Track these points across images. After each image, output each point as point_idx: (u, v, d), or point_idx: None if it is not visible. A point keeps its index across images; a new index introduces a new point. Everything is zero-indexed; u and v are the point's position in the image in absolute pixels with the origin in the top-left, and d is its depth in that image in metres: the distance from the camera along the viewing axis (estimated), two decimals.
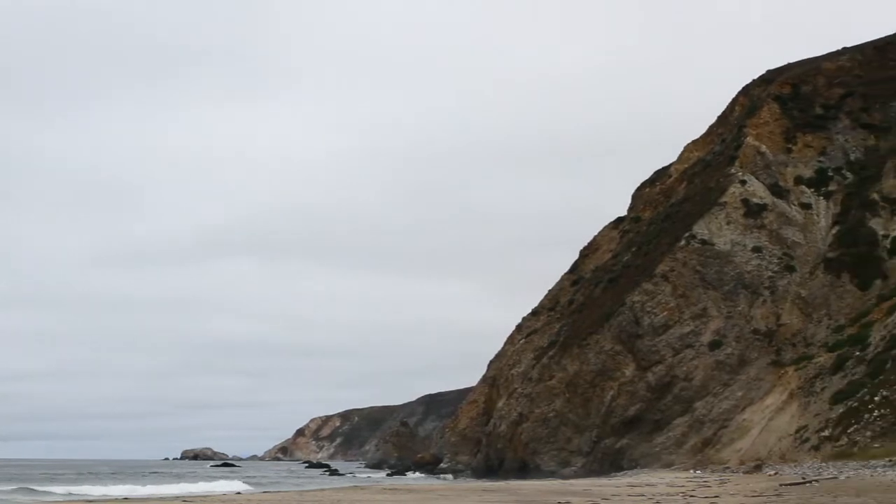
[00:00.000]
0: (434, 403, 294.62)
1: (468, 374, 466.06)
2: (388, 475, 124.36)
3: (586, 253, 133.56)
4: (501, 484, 73.60)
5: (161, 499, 52.92)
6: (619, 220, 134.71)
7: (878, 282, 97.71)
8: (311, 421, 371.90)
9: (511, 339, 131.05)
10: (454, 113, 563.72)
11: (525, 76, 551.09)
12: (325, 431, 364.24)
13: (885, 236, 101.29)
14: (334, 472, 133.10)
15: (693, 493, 44.61)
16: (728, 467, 78.18)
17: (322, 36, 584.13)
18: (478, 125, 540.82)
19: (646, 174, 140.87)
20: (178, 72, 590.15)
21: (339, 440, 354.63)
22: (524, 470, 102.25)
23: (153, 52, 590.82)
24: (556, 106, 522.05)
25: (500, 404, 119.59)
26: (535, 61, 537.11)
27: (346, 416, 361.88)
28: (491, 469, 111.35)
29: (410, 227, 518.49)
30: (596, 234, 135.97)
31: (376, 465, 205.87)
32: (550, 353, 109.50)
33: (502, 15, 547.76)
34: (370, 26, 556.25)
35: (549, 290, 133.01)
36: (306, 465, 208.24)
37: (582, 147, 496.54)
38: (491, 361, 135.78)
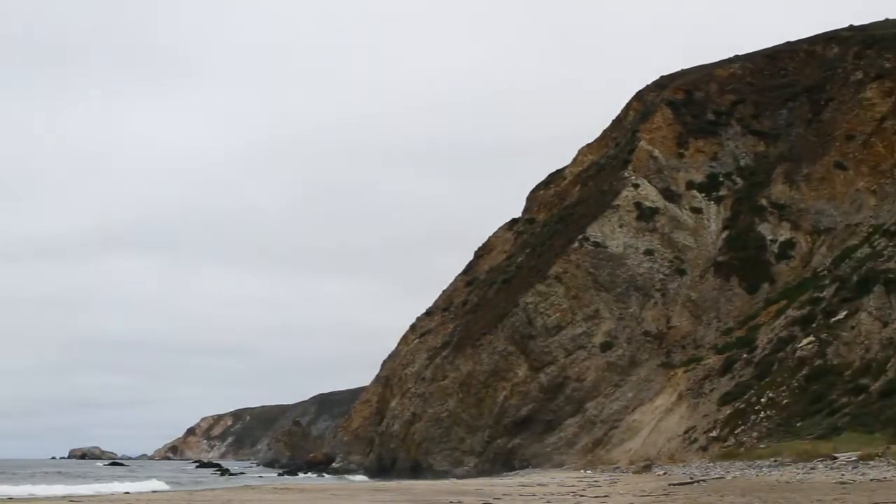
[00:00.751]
0: (327, 403, 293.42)
1: (361, 374, 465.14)
2: (279, 475, 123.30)
3: (481, 254, 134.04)
4: (393, 483, 73.48)
5: (47, 499, 51.90)
6: (514, 221, 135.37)
7: (765, 286, 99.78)
8: (203, 420, 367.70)
9: (405, 339, 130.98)
10: (354, 112, 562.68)
11: (423, 76, 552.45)
12: (217, 430, 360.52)
13: (773, 241, 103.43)
14: (225, 472, 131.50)
15: (583, 492, 44.92)
16: (618, 467, 78.92)
17: (223, 30, 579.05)
18: (377, 124, 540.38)
19: (540, 176, 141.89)
20: (77, 64, 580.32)
21: (230, 439, 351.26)
22: (417, 470, 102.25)
23: (52, 44, 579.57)
24: (453, 106, 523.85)
25: (393, 404, 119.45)
26: (434, 60, 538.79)
27: (237, 415, 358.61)
28: (383, 469, 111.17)
29: (305, 226, 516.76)
30: (490, 235, 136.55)
31: (268, 465, 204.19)
32: (444, 354, 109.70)
33: (402, 13, 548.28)
34: (273, 23, 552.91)
35: (444, 291, 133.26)
36: (197, 464, 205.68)
37: (477, 148, 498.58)
38: (384, 361, 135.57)
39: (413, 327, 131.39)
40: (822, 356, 73.72)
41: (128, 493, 61.77)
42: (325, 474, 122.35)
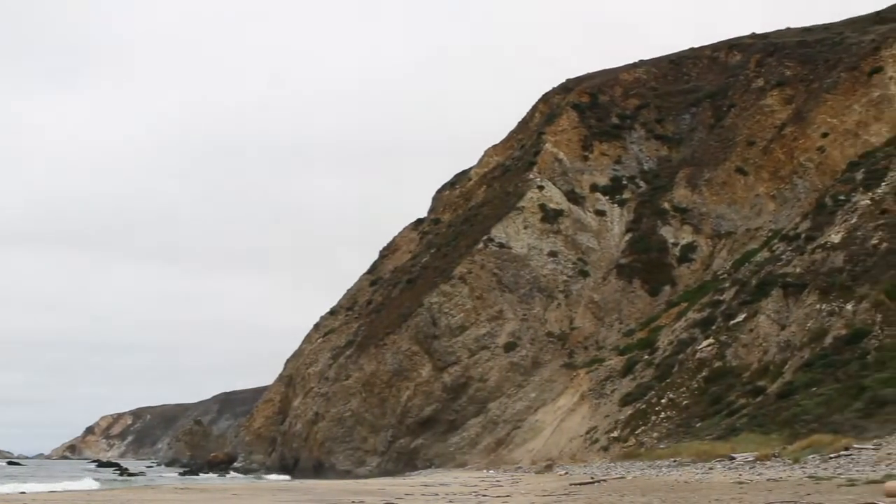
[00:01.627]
0: (229, 402, 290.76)
1: (264, 373, 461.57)
2: (180, 474, 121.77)
3: (386, 253, 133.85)
4: (296, 483, 73.08)
5: None
6: (419, 221, 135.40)
7: (667, 288, 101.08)
8: (102, 419, 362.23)
9: (308, 338, 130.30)
10: (259, 108, 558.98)
11: (336, 74, 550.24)
12: (116, 429, 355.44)
13: (675, 244, 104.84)
14: (125, 471, 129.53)
15: (485, 492, 45.01)
16: (520, 467, 79.29)
17: (124, 22, 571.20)
18: (282, 122, 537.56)
19: (446, 177, 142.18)
20: None
21: (130, 438, 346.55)
22: (319, 469, 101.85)
23: None
24: (361, 106, 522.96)
25: (296, 403, 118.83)
26: (342, 62, 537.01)
27: (138, 413, 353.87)
28: (286, 468, 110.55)
29: (211, 223, 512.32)
30: (396, 234, 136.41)
31: (169, 465, 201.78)
32: (348, 353, 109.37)
33: (314, 16, 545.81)
34: (183, 15, 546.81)
35: (348, 290, 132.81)
36: (96, 463, 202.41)
37: (383, 148, 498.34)
38: (288, 360, 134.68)
39: (317, 326, 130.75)
40: (721, 358, 74.81)
41: (23, 492, 60.53)
42: (233, 473, 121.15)
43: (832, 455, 42.30)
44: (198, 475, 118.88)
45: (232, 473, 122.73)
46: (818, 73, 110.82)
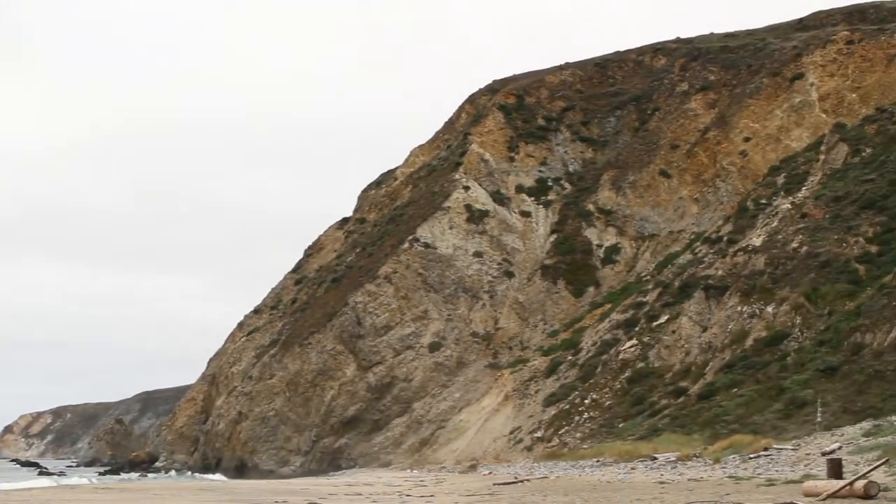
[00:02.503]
0: (151, 401, 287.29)
1: (187, 372, 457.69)
2: (100, 474, 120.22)
3: (311, 252, 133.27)
4: (218, 483, 72.56)
5: None
6: (345, 220, 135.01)
7: (591, 289, 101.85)
8: (21, 417, 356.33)
9: (232, 337, 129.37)
10: (186, 107, 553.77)
11: (259, 73, 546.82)
12: (36, 428, 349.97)
13: (599, 246, 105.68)
14: (44, 471, 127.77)
15: (409, 492, 45.00)
16: (444, 467, 79.31)
17: (60, 19, 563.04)
18: (212, 121, 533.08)
19: (372, 176, 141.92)
20: None
21: (50, 437, 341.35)
22: (242, 469, 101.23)
23: None
24: (288, 104, 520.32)
25: (219, 402, 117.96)
26: (274, 59, 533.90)
27: (58, 412, 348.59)
28: (208, 468, 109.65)
29: (132, 220, 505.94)
30: (321, 234, 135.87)
31: (89, 464, 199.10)
32: (272, 352, 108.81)
33: (245, 14, 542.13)
34: (112, 14, 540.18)
35: (273, 289, 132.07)
36: (14, 463, 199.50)
37: (309, 146, 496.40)
38: (211, 359, 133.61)
39: (241, 325, 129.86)
40: (644, 359, 75.55)
41: None
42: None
43: (752, 455, 42.88)
44: (119, 474, 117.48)
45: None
46: (741, 78, 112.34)
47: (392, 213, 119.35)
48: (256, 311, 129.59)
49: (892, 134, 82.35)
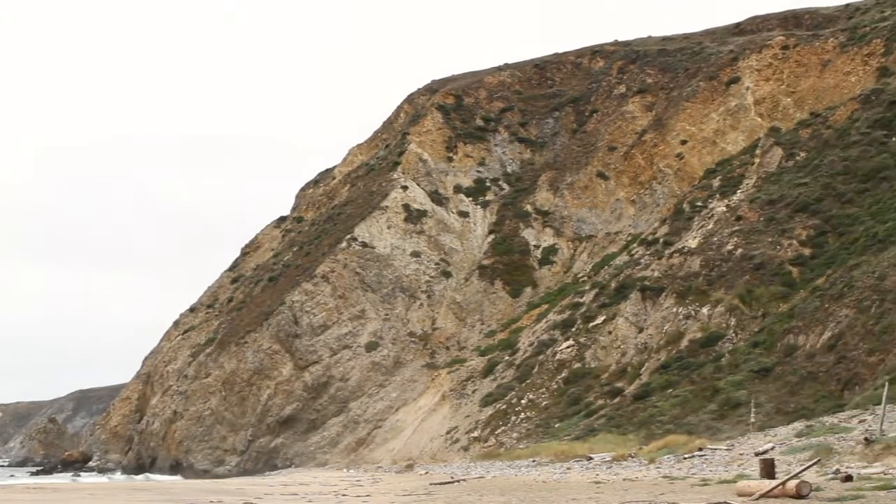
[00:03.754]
0: (85, 399, 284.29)
1: (122, 370, 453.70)
2: (32, 474, 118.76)
3: (248, 251, 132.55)
4: (152, 483, 71.94)
5: None
6: (282, 219, 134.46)
7: (528, 290, 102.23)
8: None
9: (168, 336, 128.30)
10: (127, 105, 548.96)
11: (199, 69, 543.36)
12: None
13: (537, 246, 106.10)
14: None
15: (345, 492, 44.84)
16: (381, 467, 79.16)
17: None
18: (149, 118, 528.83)
19: (310, 174, 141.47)
20: None
21: None
22: (177, 468, 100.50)
23: None
24: (226, 102, 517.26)
25: (154, 401, 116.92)
26: (208, 55, 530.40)
27: None
28: (142, 468, 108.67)
29: (71, 219, 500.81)
30: (258, 232, 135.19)
31: (20, 464, 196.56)
32: (208, 351, 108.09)
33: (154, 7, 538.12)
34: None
35: (209, 287, 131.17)
36: None
37: (249, 144, 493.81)
38: (146, 357, 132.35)
39: (177, 323, 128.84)
40: (580, 359, 75.97)
41: None
42: (87, 472, 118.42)
43: (687, 455, 43.19)
44: (51, 474, 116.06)
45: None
46: (678, 81, 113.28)
47: (330, 212, 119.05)
48: (192, 309, 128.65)
49: (826, 138, 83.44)
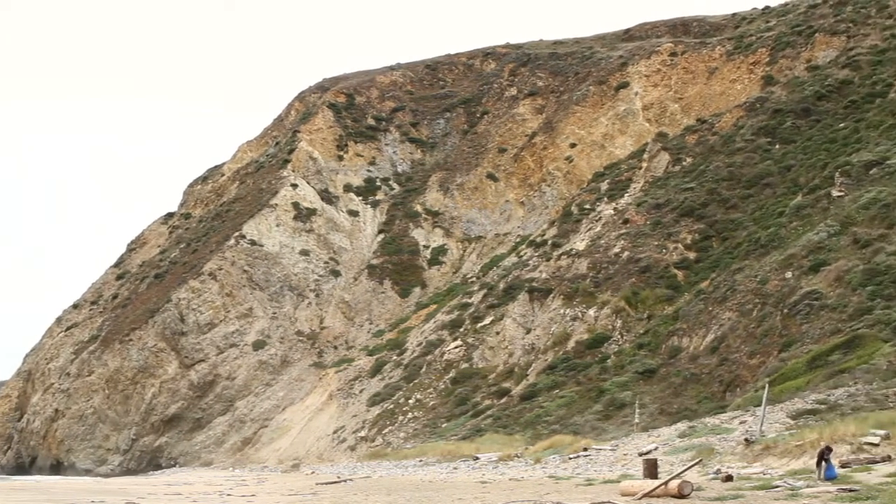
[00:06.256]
0: None
1: (1, 367, 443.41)
2: None
3: (134, 247, 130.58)
4: (32, 482, 70.45)
5: None
6: (169, 215, 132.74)
7: (417, 289, 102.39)
8: None
9: (50, 332, 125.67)
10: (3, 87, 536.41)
11: (82, 57, 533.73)
12: None
13: (426, 247, 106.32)
14: None
15: (230, 492, 44.52)
16: (267, 466, 78.70)
17: None
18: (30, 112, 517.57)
19: (199, 171, 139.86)
20: None
21: None
22: (58, 468, 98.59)
23: None
24: (117, 94, 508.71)
25: (34, 399, 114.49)
26: (94, 42, 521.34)
27: None
28: (22, 467, 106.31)
29: None
30: (145, 228, 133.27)
31: None
32: (91, 348, 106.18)
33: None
34: None
35: (93, 283, 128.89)
36: None
37: (132, 140, 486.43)
38: (27, 354, 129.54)
39: (59, 320, 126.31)
40: (468, 360, 76.34)
41: None
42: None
43: (572, 455, 43.63)
44: None
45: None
46: (568, 85, 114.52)
47: (218, 209, 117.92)
48: (76, 305, 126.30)
49: (712, 144, 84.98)
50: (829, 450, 27.85)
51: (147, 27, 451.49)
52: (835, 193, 63.04)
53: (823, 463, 27.41)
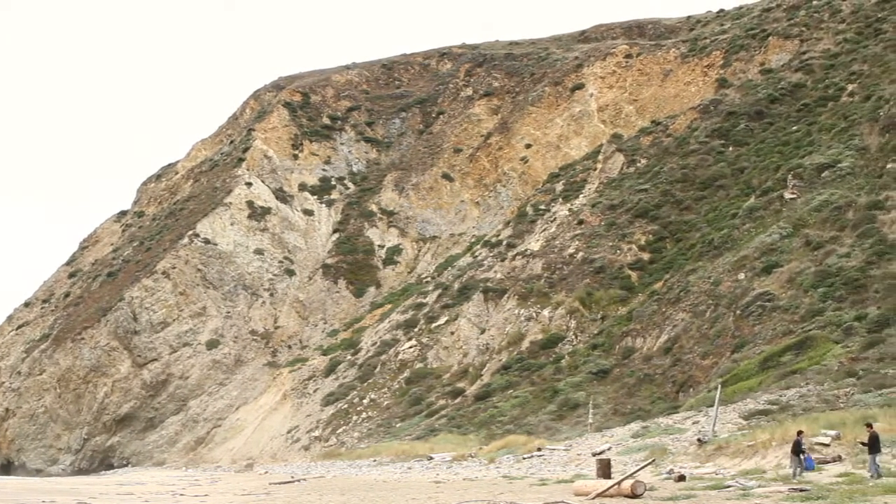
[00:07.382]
0: None
1: None
2: None
3: (86, 245, 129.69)
4: None
5: None
6: (123, 213, 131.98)
7: (372, 289, 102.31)
8: None
9: (0, 331, 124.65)
10: None
11: (39, 50, 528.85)
12: None
13: (381, 246, 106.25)
14: None
15: (183, 491, 44.37)
16: (220, 466, 78.42)
17: None
18: None
19: (152, 169, 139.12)
20: None
21: None
22: (8, 468, 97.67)
23: None
24: (73, 87, 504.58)
25: None
26: (53, 36, 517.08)
27: None
28: None
29: None
30: (98, 226, 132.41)
31: None
32: (42, 347, 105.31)
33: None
34: None
35: (45, 281, 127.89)
36: None
37: (86, 136, 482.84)
38: None
39: (10, 318, 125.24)
40: (422, 360, 76.38)
41: None
42: None
43: (526, 455, 43.78)
44: None
45: None
46: (524, 85, 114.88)
47: (172, 208, 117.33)
48: (27, 304, 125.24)
49: (666, 146, 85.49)
50: (800, 433, 28.02)
51: (105, 20, 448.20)
52: (787, 196, 63.64)
53: (801, 455, 27.48)
